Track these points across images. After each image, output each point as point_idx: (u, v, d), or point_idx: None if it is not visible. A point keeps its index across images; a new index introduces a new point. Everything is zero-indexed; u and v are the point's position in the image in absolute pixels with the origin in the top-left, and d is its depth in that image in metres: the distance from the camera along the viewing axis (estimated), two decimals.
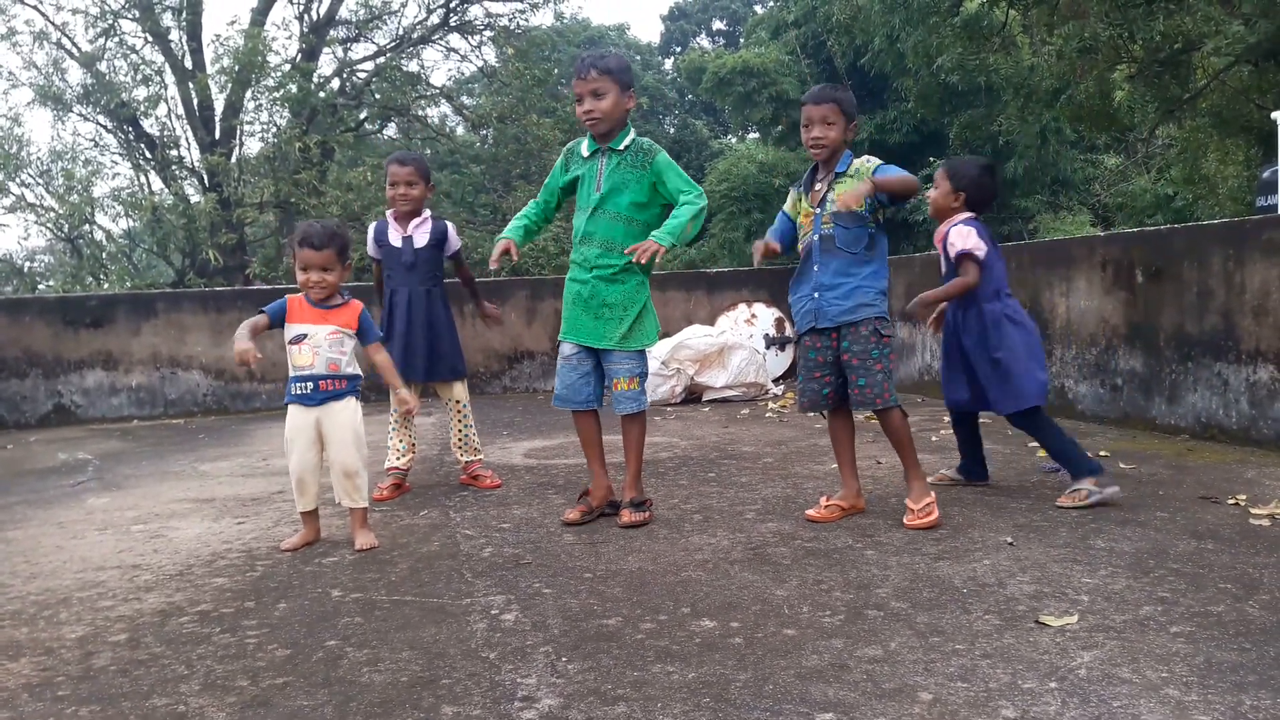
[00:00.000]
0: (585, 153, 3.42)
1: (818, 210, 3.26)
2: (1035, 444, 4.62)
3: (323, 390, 3.18)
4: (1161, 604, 2.35)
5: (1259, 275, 4.31)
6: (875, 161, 3.22)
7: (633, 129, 3.42)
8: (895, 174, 3.18)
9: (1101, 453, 4.33)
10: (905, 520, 3.16)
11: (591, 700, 1.92)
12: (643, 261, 3.20)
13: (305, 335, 3.17)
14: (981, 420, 3.83)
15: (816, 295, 3.25)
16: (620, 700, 1.91)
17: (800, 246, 3.37)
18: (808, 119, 3.25)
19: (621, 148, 3.35)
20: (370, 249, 4.15)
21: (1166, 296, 4.81)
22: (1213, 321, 4.55)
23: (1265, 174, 8.01)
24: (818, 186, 3.30)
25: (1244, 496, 3.40)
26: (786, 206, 3.45)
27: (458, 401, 4.12)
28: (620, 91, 3.30)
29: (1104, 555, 2.77)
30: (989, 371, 3.47)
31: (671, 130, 31.58)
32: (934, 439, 4.94)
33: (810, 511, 3.35)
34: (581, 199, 3.42)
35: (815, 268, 3.27)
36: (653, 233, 3.25)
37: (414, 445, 4.13)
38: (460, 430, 4.14)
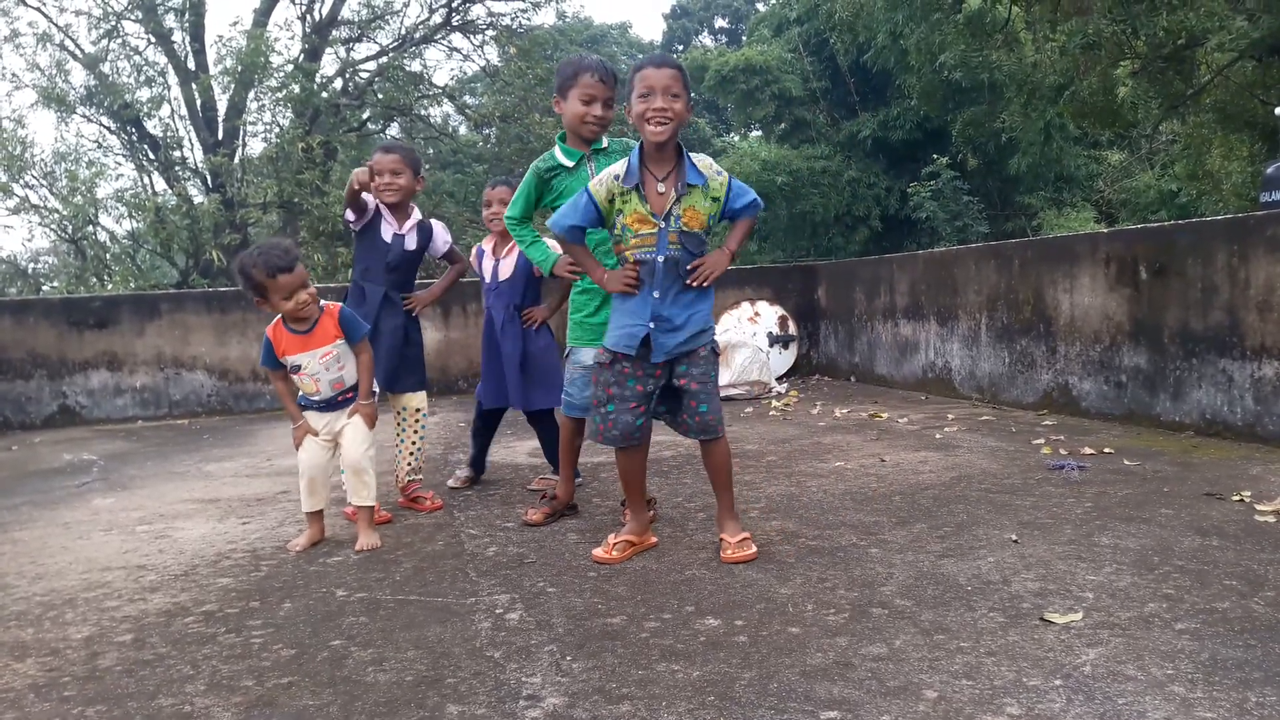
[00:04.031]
0: (569, 162, 3.31)
1: (663, 225, 2.76)
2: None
3: (337, 404, 3.27)
4: (1166, 601, 2.35)
5: (1264, 271, 4.30)
6: (725, 175, 2.86)
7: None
8: (745, 214, 2.92)
9: (1105, 449, 4.33)
10: (723, 554, 2.84)
11: (596, 699, 1.92)
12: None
13: (300, 366, 3.18)
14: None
15: (653, 326, 2.78)
16: (625, 699, 1.92)
17: (629, 254, 2.82)
18: (648, 87, 2.73)
19: (605, 146, 3.36)
20: (350, 213, 3.75)
21: (1171, 293, 4.80)
22: (1217, 318, 4.54)
23: (1270, 169, 7.96)
24: (661, 190, 2.78)
25: (1249, 493, 3.39)
26: (593, 190, 2.83)
27: (418, 410, 3.89)
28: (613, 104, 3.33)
29: (1109, 552, 2.77)
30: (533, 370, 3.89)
31: None
32: (938, 436, 4.93)
33: (596, 552, 2.91)
34: None
35: (655, 294, 2.79)
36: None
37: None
38: (414, 444, 3.83)
